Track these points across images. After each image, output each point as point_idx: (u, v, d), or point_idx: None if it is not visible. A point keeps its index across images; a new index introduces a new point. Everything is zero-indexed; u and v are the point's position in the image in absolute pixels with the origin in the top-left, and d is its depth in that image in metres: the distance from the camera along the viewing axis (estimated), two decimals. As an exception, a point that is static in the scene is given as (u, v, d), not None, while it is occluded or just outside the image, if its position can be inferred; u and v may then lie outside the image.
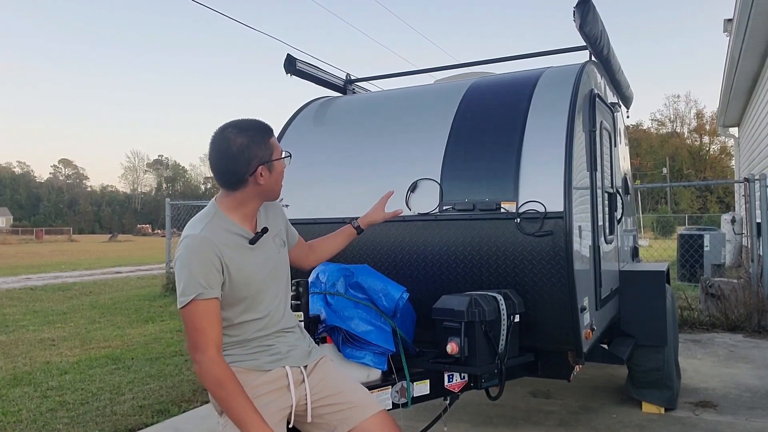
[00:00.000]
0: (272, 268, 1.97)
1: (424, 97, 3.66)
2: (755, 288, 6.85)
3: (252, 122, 1.91)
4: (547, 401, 4.21)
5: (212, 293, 1.76)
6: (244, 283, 1.85)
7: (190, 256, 1.76)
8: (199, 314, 1.74)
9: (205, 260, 1.76)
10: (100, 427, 3.90)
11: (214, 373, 1.73)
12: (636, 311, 3.91)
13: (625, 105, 4.91)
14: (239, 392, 1.74)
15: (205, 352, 1.73)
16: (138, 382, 4.96)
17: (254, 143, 1.85)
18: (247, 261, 1.87)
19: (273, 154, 1.90)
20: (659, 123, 65.45)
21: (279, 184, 1.95)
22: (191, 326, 1.75)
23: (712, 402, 4.10)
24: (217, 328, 1.77)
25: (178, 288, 1.77)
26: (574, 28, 3.32)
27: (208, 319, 1.75)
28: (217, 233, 1.82)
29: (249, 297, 1.87)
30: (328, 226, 3.41)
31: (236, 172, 1.84)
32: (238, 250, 1.86)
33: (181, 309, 1.77)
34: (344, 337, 2.57)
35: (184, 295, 1.75)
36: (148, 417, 4.07)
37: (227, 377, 1.74)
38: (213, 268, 1.77)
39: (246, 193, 1.88)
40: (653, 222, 31.81)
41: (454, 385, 2.77)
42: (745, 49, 8.68)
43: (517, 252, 2.90)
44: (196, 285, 1.74)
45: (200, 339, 1.74)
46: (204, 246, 1.77)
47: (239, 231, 1.88)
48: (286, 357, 1.95)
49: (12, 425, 3.96)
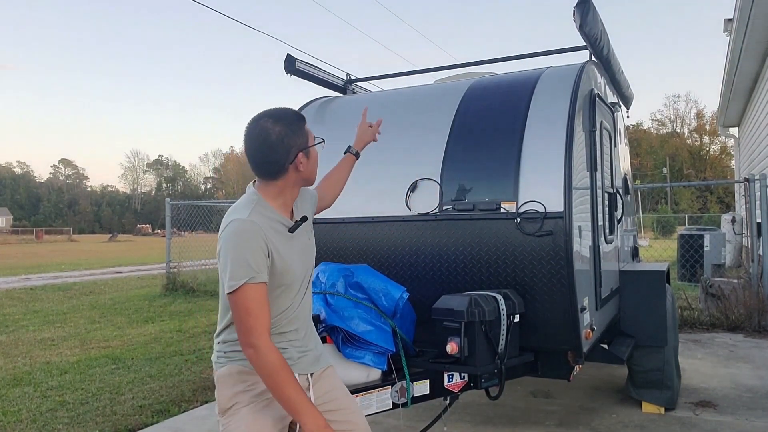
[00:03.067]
0: (306, 257, 1.96)
1: (424, 97, 3.66)
2: (755, 288, 6.84)
3: (285, 110, 1.91)
4: (547, 401, 4.21)
5: (262, 277, 1.74)
6: (284, 271, 1.84)
7: (238, 239, 1.74)
8: (251, 299, 1.72)
9: (254, 244, 1.74)
10: (100, 427, 3.91)
11: (271, 359, 1.70)
12: (636, 311, 3.91)
13: (625, 105, 4.91)
14: (293, 380, 1.72)
15: (260, 337, 1.71)
16: (138, 382, 4.96)
17: (292, 131, 1.85)
18: (287, 248, 1.86)
19: (309, 140, 1.90)
20: (659, 123, 65.50)
21: (315, 168, 1.95)
22: (243, 311, 1.72)
23: (712, 402, 4.10)
24: (267, 312, 1.75)
25: (226, 272, 1.74)
26: (574, 28, 3.32)
27: (260, 304, 1.73)
28: (263, 220, 1.81)
29: (284, 285, 1.86)
30: (328, 226, 3.41)
31: (277, 162, 1.83)
32: (279, 236, 1.84)
33: (231, 294, 1.73)
34: (344, 337, 2.57)
35: (235, 279, 1.72)
36: (148, 417, 4.07)
37: (282, 364, 1.72)
38: (261, 252, 1.75)
39: (286, 181, 1.87)
40: (653, 222, 31.81)
41: (454, 385, 2.78)
42: (745, 49, 8.68)
43: (517, 252, 2.90)
44: (247, 269, 1.72)
45: (254, 324, 1.71)
46: (253, 230, 1.76)
47: (280, 219, 1.87)
48: (296, 363, 1.92)
49: (12, 425, 3.96)
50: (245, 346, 1.73)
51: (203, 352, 6.02)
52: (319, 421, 1.72)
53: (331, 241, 3.42)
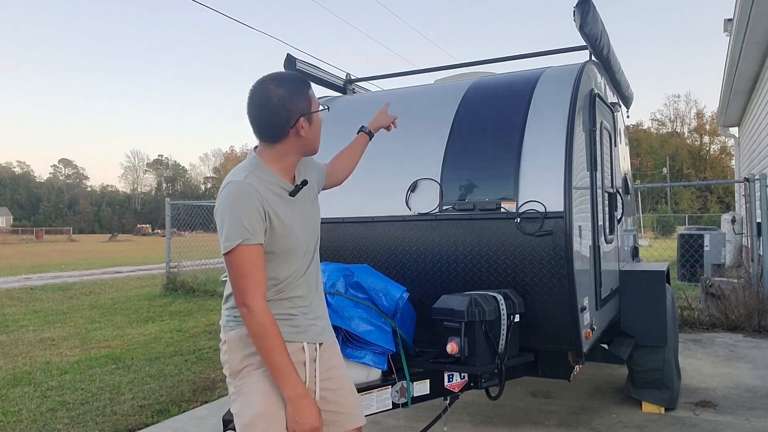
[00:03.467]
0: (309, 223, 1.95)
1: (424, 97, 3.65)
2: (755, 288, 6.84)
3: (291, 74, 1.91)
4: (547, 401, 4.21)
5: (257, 239, 1.74)
6: (285, 234, 1.83)
7: (234, 201, 1.75)
8: (245, 260, 1.72)
9: (250, 205, 1.74)
10: (100, 427, 3.91)
11: (262, 320, 1.71)
12: (636, 311, 3.91)
13: (625, 105, 4.91)
14: (281, 344, 1.73)
15: (254, 298, 1.71)
16: (138, 382, 4.96)
17: (295, 95, 1.84)
18: (287, 212, 1.85)
19: (312, 106, 1.89)
20: (659, 123, 65.50)
21: (318, 137, 1.94)
22: (238, 272, 1.73)
23: (712, 402, 4.10)
24: (262, 274, 1.76)
25: (222, 233, 1.75)
26: (574, 27, 3.32)
27: (254, 265, 1.73)
28: (261, 183, 1.81)
29: (288, 250, 1.85)
30: (328, 226, 3.41)
31: (278, 125, 1.82)
32: (279, 200, 1.84)
33: (226, 255, 1.74)
34: (344, 337, 2.57)
35: (229, 240, 1.72)
36: (148, 417, 4.07)
37: (273, 327, 1.73)
38: (257, 213, 1.75)
39: (287, 145, 1.86)
40: (653, 222, 31.81)
41: (454, 385, 2.78)
42: (745, 49, 8.68)
43: (517, 252, 2.90)
44: (242, 230, 1.72)
45: (248, 285, 1.72)
46: (248, 191, 1.76)
47: (280, 183, 1.87)
48: (305, 331, 1.91)
49: (12, 425, 3.96)
50: (239, 306, 1.74)
51: (203, 352, 6.02)
52: (298, 390, 1.74)
53: (331, 241, 3.42)
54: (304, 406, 1.74)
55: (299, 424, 1.74)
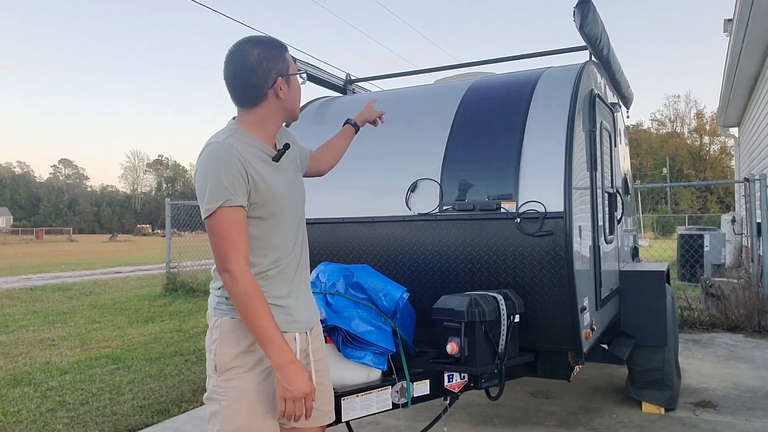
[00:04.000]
0: (294, 191, 1.90)
1: (424, 97, 3.66)
2: (755, 288, 6.84)
3: (267, 36, 1.87)
4: (547, 401, 4.21)
5: (239, 200, 1.69)
6: (270, 197, 1.78)
7: (214, 162, 1.69)
8: (226, 222, 1.67)
9: (231, 166, 1.68)
10: (100, 427, 3.90)
11: (245, 284, 1.65)
12: (636, 311, 3.91)
13: (625, 105, 4.91)
14: (266, 310, 1.67)
15: (235, 263, 1.66)
16: (138, 382, 4.96)
17: (272, 55, 1.80)
18: (272, 177, 1.80)
19: (290, 68, 1.84)
20: (659, 123, 65.47)
21: (298, 102, 1.89)
22: (219, 235, 1.67)
23: (712, 402, 4.10)
24: (245, 237, 1.70)
25: (203, 197, 1.70)
26: (574, 28, 3.32)
27: (236, 228, 1.68)
28: (242, 145, 1.75)
29: (274, 215, 1.79)
30: (328, 226, 3.41)
31: (256, 86, 1.78)
32: (262, 164, 1.79)
33: (207, 218, 1.69)
34: (344, 337, 2.57)
35: (211, 203, 1.67)
36: (148, 417, 4.07)
37: (256, 291, 1.66)
38: (238, 174, 1.69)
39: (265, 108, 1.82)
40: (653, 222, 31.82)
41: (454, 385, 2.77)
42: (745, 49, 8.68)
43: (517, 252, 2.90)
44: (223, 191, 1.66)
45: (229, 248, 1.66)
46: (229, 152, 1.70)
47: (262, 147, 1.81)
48: (298, 320, 1.86)
49: (12, 425, 3.96)
50: (221, 272, 1.68)
51: (203, 353, 6.02)
52: (286, 356, 1.67)
53: (331, 241, 3.42)
54: (293, 372, 1.67)
55: (290, 391, 1.67)
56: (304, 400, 1.69)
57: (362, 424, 3.73)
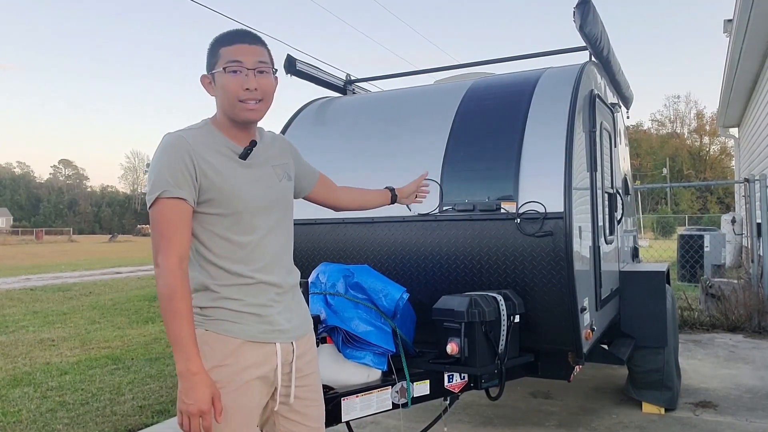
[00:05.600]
0: (267, 192, 1.79)
1: (424, 97, 3.66)
2: (755, 288, 6.85)
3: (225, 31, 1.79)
4: (547, 402, 4.21)
5: (179, 192, 1.61)
6: (231, 194, 1.70)
7: (160, 153, 1.65)
8: (164, 214, 1.60)
9: (175, 158, 1.63)
10: (100, 427, 3.90)
11: (171, 282, 1.57)
12: (636, 312, 3.91)
13: (625, 105, 4.91)
14: (186, 313, 1.57)
15: (167, 257, 1.58)
16: (138, 382, 4.96)
17: (208, 51, 1.75)
18: (234, 173, 1.72)
19: (217, 64, 1.72)
20: (659, 123, 65.50)
21: (227, 101, 1.71)
22: (155, 229, 1.61)
23: (712, 402, 4.10)
24: (183, 232, 1.62)
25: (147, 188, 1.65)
26: (574, 28, 3.33)
27: (174, 221, 1.60)
28: (198, 138, 1.70)
29: (236, 213, 1.71)
30: (328, 226, 3.42)
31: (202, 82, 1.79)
32: (223, 159, 1.72)
33: (149, 209, 1.64)
34: (344, 338, 2.57)
35: (150, 193, 1.63)
36: (148, 417, 4.07)
37: (181, 291, 1.57)
38: (183, 166, 1.63)
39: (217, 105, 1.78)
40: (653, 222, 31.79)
41: (454, 386, 2.77)
42: (745, 49, 8.68)
43: (517, 252, 2.90)
44: (163, 182, 1.61)
45: (163, 243, 1.59)
46: (176, 144, 1.65)
47: (228, 144, 1.75)
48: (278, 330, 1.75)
49: (12, 425, 3.96)
50: (154, 265, 1.62)
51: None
52: (191, 366, 1.57)
53: (331, 242, 3.42)
54: (195, 384, 1.56)
55: (186, 404, 1.56)
56: (200, 417, 1.56)
57: (362, 424, 3.73)
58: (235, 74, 1.69)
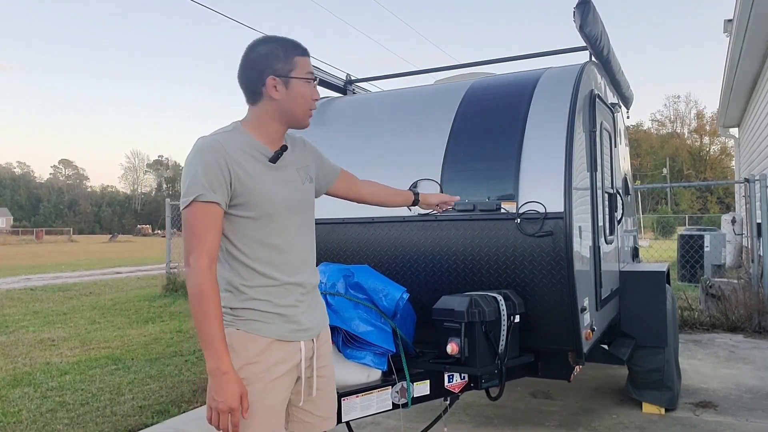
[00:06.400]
0: (294, 194, 1.85)
1: (424, 97, 3.66)
2: (755, 289, 6.84)
3: (283, 37, 1.84)
4: (548, 402, 4.20)
5: (213, 196, 1.67)
6: (262, 197, 1.75)
7: (196, 157, 1.69)
8: (198, 218, 1.66)
9: (211, 161, 1.68)
10: (100, 427, 3.90)
11: (201, 283, 1.63)
12: (636, 312, 3.91)
13: (625, 105, 4.91)
14: (216, 313, 1.64)
15: (198, 258, 1.64)
16: (138, 382, 4.96)
17: (274, 54, 1.77)
18: (265, 176, 1.77)
19: (294, 71, 1.79)
20: (659, 123, 65.53)
21: (300, 107, 1.81)
22: (189, 229, 1.67)
23: (712, 403, 4.10)
24: (214, 235, 1.68)
25: (182, 189, 1.70)
26: (574, 28, 3.32)
27: (206, 224, 1.67)
28: (232, 142, 1.74)
29: (267, 215, 1.76)
30: (328, 226, 3.41)
31: (253, 81, 1.79)
32: (254, 163, 1.76)
33: (183, 211, 1.69)
34: (345, 338, 2.57)
35: (186, 196, 1.68)
36: (148, 417, 4.07)
37: (211, 291, 1.64)
38: (218, 171, 1.68)
39: (263, 108, 1.80)
40: (653, 222, 31.81)
41: (454, 386, 2.77)
42: (746, 49, 8.68)
43: (518, 252, 2.90)
44: (197, 185, 1.66)
45: (195, 244, 1.65)
46: (212, 148, 1.69)
47: (259, 147, 1.79)
48: (304, 329, 1.83)
49: (12, 426, 3.96)
50: (185, 265, 1.68)
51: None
52: (221, 365, 1.64)
53: (331, 242, 3.42)
54: (225, 383, 1.63)
55: (216, 401, 1.63)
56: (230, 414, 1.64)
57: (362, 424, 3.73)
58: (310, 84, 1.83)
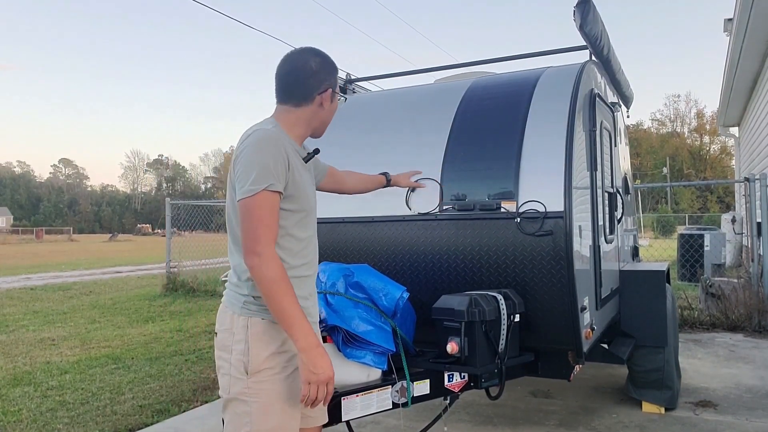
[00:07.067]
0: (315, 193, 2.02)
1: (424, 97, 3.65)
2: (755, 288, 6.84)
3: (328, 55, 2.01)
4: (548, 401, 4.21)
5: (279, 187, 1.75)
6: (302, 193, 1.86)
7: (265, 146, 1.76)
8: (266, 206, 1.72)
9: (279, 151, 1.77)
10: (100, 426, 3.91)
11: (274, 267, 1.69)
12: (636, 311, 3.91)
13: (626, 104, 4.91)
14: (292, 293, 1.71)
15: (267, 246, 1.70)
16: (138, 381, 4.96)
17: (330, 68, 1.97)
18: (302, 173, 1.90)
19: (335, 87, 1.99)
20: (659, 123, 65.53)
21: (329, 119, 2.02)
22: (256, 218, 1.71)
23: (712, 402, 4.10)
24: (277, 224, 1.76)
25: (247, 178, 1.72)
26: (574, 27, 3.32)
27: (273, 213, 1.74)
28: (285, 138, 1.86)
29: (302, 210, 1.87)
30: (328, 226, 3.41)
31: (308, 87, 1.91)
32: (298, 160, 1.88)
33: (246, 199, 1.71)
34: (344, 337, 2.57)
35: (255, 184, 1.71)
36: (148, 417, 4.07)
37: (284, 274, 1.71)
38: (283, 161, 1.77)
39: (306, 112, 1.93)
40: (653, 222, 31.81)
41: (454, 385, 2.77)
42: (745, 48, 8.67)
43: (518, 252, 2.90)
44: (269, 176, 1.72)
45: (263, 233, 1.70)
46: (278, 138, 1.80)
47: (296, 147, 1.91)
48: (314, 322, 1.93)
49: (12, 425, 3.97)
50: (250, 254, 1.70)
51: (203, 352, 6.02)
52: (310, 339, 1.70)
53: (331, 241, 3.42)
54: (317, 356, 1.71)
55: (315, 375, 1.70)
56: (327, 384, 1.72)
57: (362, 423, 3.73)
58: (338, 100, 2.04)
